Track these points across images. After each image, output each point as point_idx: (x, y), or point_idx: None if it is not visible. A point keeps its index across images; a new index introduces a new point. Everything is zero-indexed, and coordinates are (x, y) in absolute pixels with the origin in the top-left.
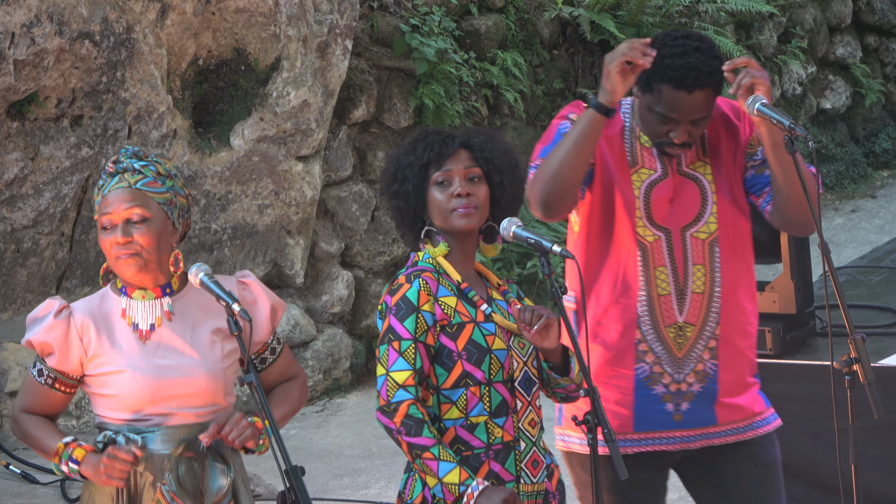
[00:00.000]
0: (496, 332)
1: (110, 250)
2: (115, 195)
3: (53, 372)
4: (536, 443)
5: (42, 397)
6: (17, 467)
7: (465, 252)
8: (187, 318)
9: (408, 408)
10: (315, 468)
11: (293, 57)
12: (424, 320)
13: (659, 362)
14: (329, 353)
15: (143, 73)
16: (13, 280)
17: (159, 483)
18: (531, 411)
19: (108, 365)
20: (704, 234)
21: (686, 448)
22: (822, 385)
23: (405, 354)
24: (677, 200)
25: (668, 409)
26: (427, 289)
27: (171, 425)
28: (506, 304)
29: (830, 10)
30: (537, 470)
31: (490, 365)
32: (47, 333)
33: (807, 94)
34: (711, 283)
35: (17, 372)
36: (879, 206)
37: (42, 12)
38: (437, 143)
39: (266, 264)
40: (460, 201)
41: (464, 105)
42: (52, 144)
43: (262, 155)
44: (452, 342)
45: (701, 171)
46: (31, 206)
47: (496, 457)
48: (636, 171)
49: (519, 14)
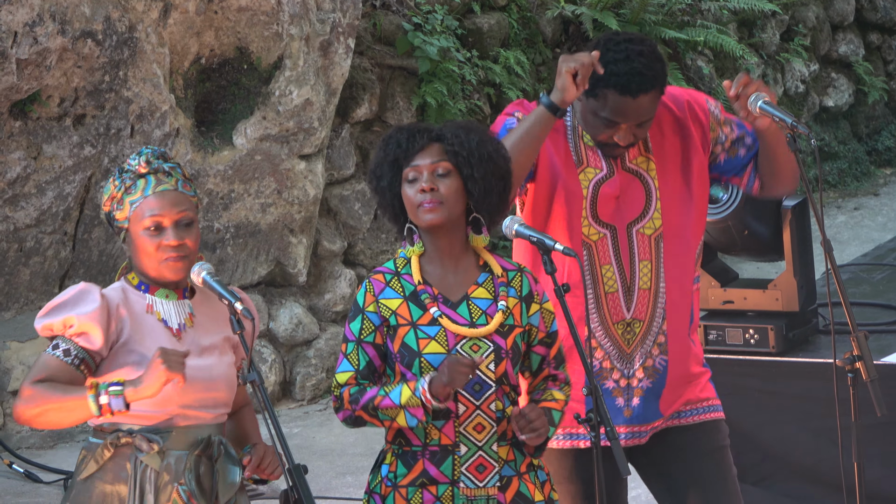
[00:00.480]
0: (435, 336)
1: (157, 252)
2: (164, 197)
3: (82, 352)
4: (484, 447)
5: (63, 376)
6: (20, 466)
7: (440, 248)
8: (205, 322)
9: (348, 392)
10: (318, 467)
11: (296, 56)
12: (370, 321)
13: (608, 358)
14: (332, 351)
15: (146, 72)
16: (16, 279)
17: (176, 483)
18: (479, 415)
19: (139, 354)
20: (650, 229)
21: (637, 444)
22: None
23: (349, 357)
24: (623, 197)
25: (619, 403)
26: (371, 291)
27: (188, 426)
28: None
29: (833, 8)
30: (483, 474)
31: (420, 369)
32: (91, 314)
33: (809, 92)
34: (657, 279)
35: (20, 371)
36: (882, 203)
37: (45, 11)
38: (404, 139)
39: (269, 263)
40: (425, 196)
41: (466, 104)
42: (54, 143)
43: (265, 154)
44: (391, 343)
45: (644, 167)
46: (34, 206)
47: (432, 458)
48: (583, 171)
49: (521, 12)
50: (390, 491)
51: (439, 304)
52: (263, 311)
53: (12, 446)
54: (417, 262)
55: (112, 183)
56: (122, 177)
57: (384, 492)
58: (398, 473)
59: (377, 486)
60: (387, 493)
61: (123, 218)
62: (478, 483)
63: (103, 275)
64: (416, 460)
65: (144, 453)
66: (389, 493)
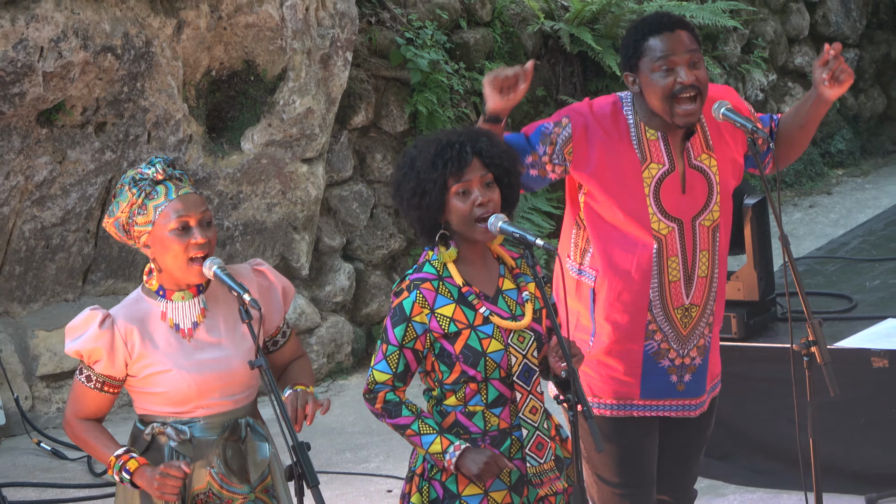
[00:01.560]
0: (493, 334)
1: (186, 251)
2: (187, 199)
3: (101, 377)
4: (539, 427)
5: (91, 401)
6: (47, 444)
7: (474, 252)
8: (218, 312)
9: (385, 395)
10: (320, 444)
11: (298, 68)
12: (414, 329)
13: (666, 340)
14: (332, 338)
15: (161, 83)
16: (43, 273)
17: (209, 467)
18: (532, 399)
19: (154, 366)
20: (709, 221)
21: (686, 416)
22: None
23: (389, 358)
24: (689, 192)
25: (673, 380)
26: (423, 302)
27: (214, 413)
28: (517, 292)
29: (789, 23)
30: (542, 452)
31: (486, 366)
32: (95, 342)
33: (768, 100)
34: (712, 267)
35: (48, 357)
36: (835, 201)
37: (68, 28)
38: (454, 157)
39: (274, 258)
40: (482, 210)
41: (455, 111)
42: (78, 149)
43: (271, 158)
44: (451, 346)
45: (706, 163)
46: (59, 206)
47: (492, 442)
48: (646, 168)
49: (504, 28)
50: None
51: (484, 303)
52: None
53: (40, 427)
54: (455, 267)
55: (129, 191)
56: (139, 185)
57: (444, 476)
58: None
59: (436, 472)
60: (447, 476)
61: (147, 222)
62: (539, 461)
63: (123, 269)
64: (476, 446)
65: (175, 443)
66: (451, 475)
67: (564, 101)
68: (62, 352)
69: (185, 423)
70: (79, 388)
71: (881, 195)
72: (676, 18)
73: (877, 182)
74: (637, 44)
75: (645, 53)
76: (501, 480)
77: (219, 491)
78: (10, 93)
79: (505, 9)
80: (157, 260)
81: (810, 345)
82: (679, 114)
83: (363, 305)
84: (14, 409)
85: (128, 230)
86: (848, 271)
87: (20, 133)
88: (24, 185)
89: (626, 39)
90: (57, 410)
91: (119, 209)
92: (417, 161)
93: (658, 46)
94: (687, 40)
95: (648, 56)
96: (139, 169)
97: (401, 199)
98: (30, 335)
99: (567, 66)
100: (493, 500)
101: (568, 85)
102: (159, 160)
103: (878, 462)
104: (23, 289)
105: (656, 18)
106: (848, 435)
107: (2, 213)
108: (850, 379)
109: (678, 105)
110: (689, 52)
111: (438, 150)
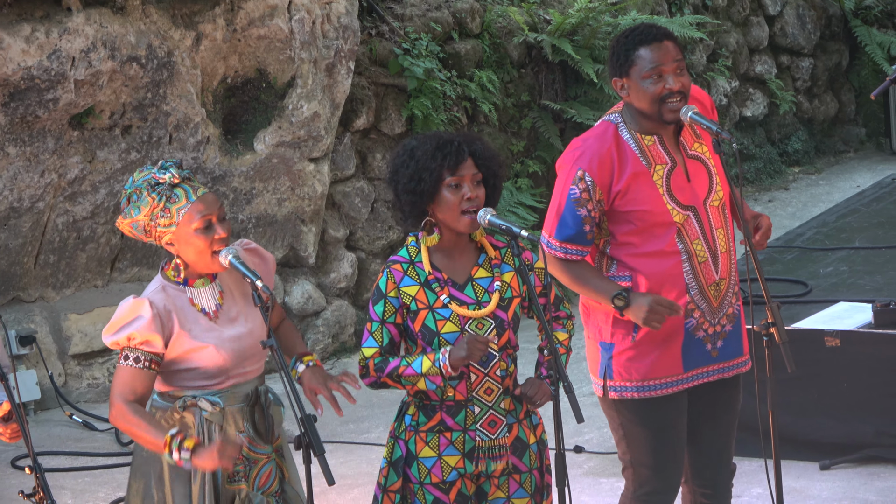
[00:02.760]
0: (450, 318)
1: (210, 246)
2: (206, 199)
3: (149, 356)
4: (493, 406)
5: (142, 381)
6: (79, 417)
7: (452, 241)
8: (233, 292)
9: (373, 362)
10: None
11: (306, 76)
12: (392, 304)
13: (703, 315)
14: (337, 320)
15: (182, 89)
16: (75, 262)
17: (238, 431)
18: (487, 381)
19: (191, 345)
20: (717, 201)
21: (722, 378)
22: None
23: (374, 334)
24: (694, 181)
25: (707, 348)
26: (392, 280)
27: (237, 384)
28: (490, 279)
29: (750, 35)
30: (495, 428)
31: (439, 345)
32: (150, 327)
33: (731, 104)
34: (728, 242)
35: (79, 338)
36: (792, 196)
37: (97, 40)
38: (453, 152)
39: (284, 248)
40: (469, 203)
41: (447, 115)
42: (106, 150)
43: (281, 157)
44: (412, 324)
45: (699, 150)
46: (90, 201)
47: (448, 410)
48: (654, 171)
49: (492, 39)
50: (412, 435)
51: (449, 289)
52: (280, 288)
53: (72, 401)
54: (427, 252)
55: (148, 197)
56: (158, 189)
57: (407, 436)
58: (420, 421)
59: (402, 432)
60: (409, 437)
61: (170, 223)
62: (490, 436)
63: (147, 258)
64: (434, 412)
65: (207, 412)
66: (412, 437)
67: (546, 106)
68: (92, 333)
69: (213, 395)
70: (127, 372)
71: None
72: (664, 30)
73: (829, 179)
74: (628, 53)
75: (635, 63)
76: (455, 447)
77: (247, 453)
78: (44, 98)
79: (493, 22)
80: (180, 255)
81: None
82: (666, 112)
83: (364, 291)
84: (49, 385)
85: (148, 231)
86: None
87: (54, 135)
88: (58, 183)
89: (617, 48)
90: (87, 386)
91: (141, 213)
92: (418, 151)
93: (648, 57)
94: (673, 50)
95: (639, 65)
96: (153, 174)
97: (397, 183)
98: (63, 318)
99: (549, 73)
100: (447, 463)
101: (550, 91)
102: (170, 164)
103: (831, 432)
104: (56, 276)
105: (646, 30)
106: (804, 407)
107: (37, 207)
108: (806, 357)
109: (666, 106)
110: (675, 62)
111: (439, 144)
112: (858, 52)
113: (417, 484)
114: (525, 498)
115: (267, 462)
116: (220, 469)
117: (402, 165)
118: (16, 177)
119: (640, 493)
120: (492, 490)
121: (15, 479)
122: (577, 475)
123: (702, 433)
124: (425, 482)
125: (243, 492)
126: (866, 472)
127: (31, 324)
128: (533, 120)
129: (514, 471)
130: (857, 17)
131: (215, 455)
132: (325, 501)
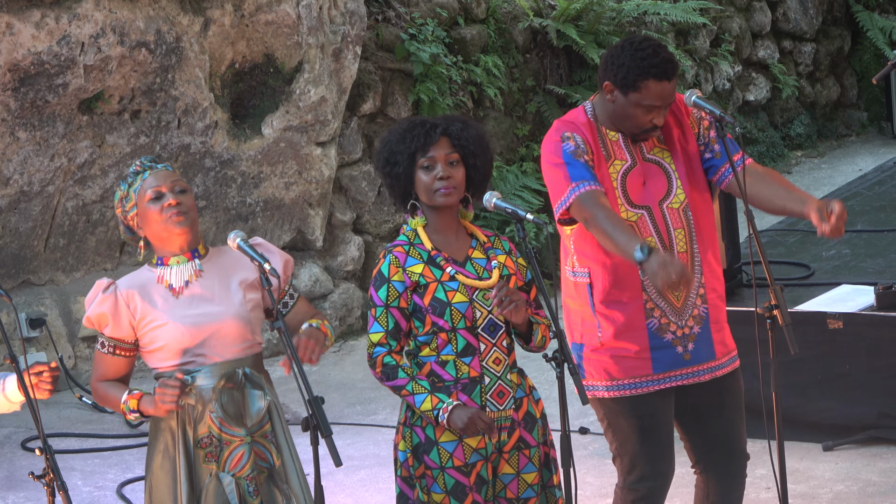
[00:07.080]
0: (458, 289)
1: (161, 214)
2: (160, 174)
3: (111, 341)
4: (502, 377)
5: (108, 365)
6: (88, 399)
7: (443, 221)
8: (214, 274)
9: (383, 359)
10: (333, 398)
11: (313, 61)
12: (395, 289)
13: (665, 315)
14: (344, 303)
15: (190, 74)
16: (84, 245)
17: (208, 411)
18: (496, 351)
19: (154, 322)
20: (677, 203)
21: (698, 381)
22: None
23: (379, 319)
24: (649, 182)
25: (679, 351)
26: (396, 263)
27: (213, 363)
28: (486, 260)
29: (753, 20)
30: (503, 400)
31: (451, 316)
32: (99, 307)
33: (734, 89)
34: (690, 242)
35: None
36: (794, 180)
37: (107, 26)
38: (421, 133)
39: (292, 231)
40: (442, 183)
41: (453, 100)
42: (115, 134)
43: (288, 141)
44: (421, 300)
45: (660, 155)
46: (99, 185)
47: (463, 389)
48: (612, 164)
49: (498, 24)
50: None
51: (452, 264)
52: None
53: (82, 383)
54: (424, 233)
55: (119, 190)
56: (126, 180)
57: (423, 423)
58: None
59: (416, 419)
60: (426, 424)
61: (132, 206)
62: (499, 407)
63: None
64: (449, 393)
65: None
66: (428, 423)
67: (551, 90)
68: None
69: (189, 373)
70: (97, 355)
71: (835, 174)
72: (675, 66)
73: (831, 162)
74: (637, 78)
75: (640, 91)
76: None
77: (218, 434)
78: (54, 83)
79: (498, 7)
80: (147, 236)
81: (773, 308)
82: (639, 136)
83: (371, 273)
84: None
85: (127, 223)
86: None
87: (63, 120)
88: (68, 167)
89: (625, 63)
90: None
91: (116, 207)
92: (392, 136)
93: (655, 93)
94: (673, 89)
95: (642, 94)
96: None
97: (376, 167)
98: (72, 301)
99: (554, 58)
100: (468, 445)
101: (555, 75)
102: (144, 159)
103: (834, 413)
104: (66, 259)
105: (662, 64)
106: (806, 389)
107: (47, 191)
108: (808, 339)
109: (642, 132)
110: (672, 100)
111: (409, 127)
112: (860, 36)
113: (438, 469)
114: (534, 472)
115: (240, 444)
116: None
117: (380, 150)
118: (26, 161)
119: (630, 481)
120: (501, 465)
121: (25, 460)
122: (583, 456)
123: (708, 423)
124: (447, 466)
125: (213, 471)
126: (869, 452)
127: (41, 307)
128: (538, 104)
129: (524, 445)
130: (859, 3)
131: (157, 400)
132: (333, 482)
